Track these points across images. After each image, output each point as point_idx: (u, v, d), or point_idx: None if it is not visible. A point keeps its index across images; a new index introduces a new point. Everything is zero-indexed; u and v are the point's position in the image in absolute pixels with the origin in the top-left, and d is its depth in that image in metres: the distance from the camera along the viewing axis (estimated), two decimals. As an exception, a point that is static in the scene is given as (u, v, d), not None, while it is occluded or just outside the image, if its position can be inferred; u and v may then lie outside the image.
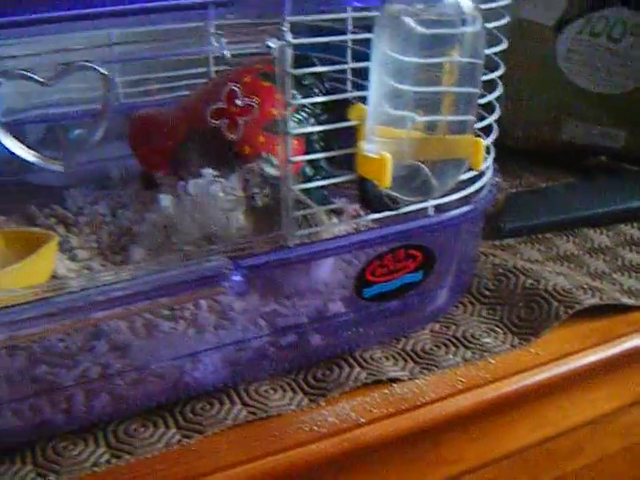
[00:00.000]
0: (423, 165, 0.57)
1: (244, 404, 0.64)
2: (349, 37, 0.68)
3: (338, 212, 0.75)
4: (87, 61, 0.48)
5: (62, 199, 0.82)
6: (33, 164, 0.57)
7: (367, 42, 0.76)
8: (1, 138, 0.49)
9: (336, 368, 0.68)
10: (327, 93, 0.81)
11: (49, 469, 0.59)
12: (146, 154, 0.80)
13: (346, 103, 0.72)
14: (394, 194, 0.58)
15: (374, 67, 0.55)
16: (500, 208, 0.92)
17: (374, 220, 0.63)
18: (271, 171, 0.70)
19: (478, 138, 0.57)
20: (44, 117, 0.93)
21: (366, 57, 0.75)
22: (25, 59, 0.53)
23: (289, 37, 0.55)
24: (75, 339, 0.62)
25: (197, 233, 0.73)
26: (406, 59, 0.52)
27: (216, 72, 0.86)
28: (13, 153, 0.57)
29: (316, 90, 0.81)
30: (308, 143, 0.78)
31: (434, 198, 0.61)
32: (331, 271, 0.64)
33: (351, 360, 0.68)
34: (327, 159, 0.74)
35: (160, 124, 0.80)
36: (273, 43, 0.54)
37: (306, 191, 0.71)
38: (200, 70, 0.84)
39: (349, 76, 0.81)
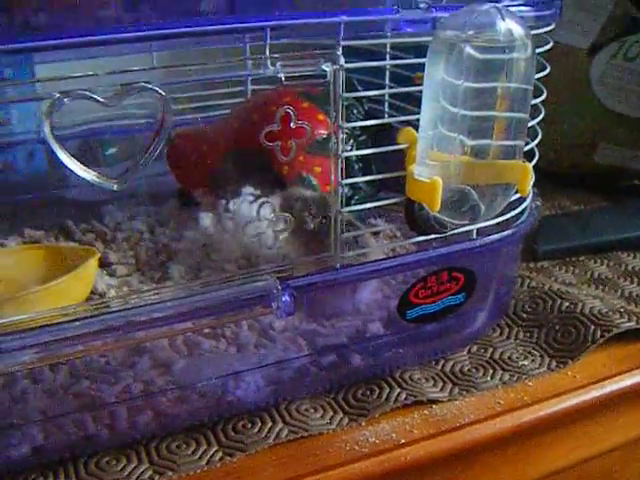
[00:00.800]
0: (472, 189, 0.57)
1: (285, 423, 0.64)
2: (400, 62, 0.68)
3: (375, 233, 0.76)
4: (146, 82, 0.49)
5: (99, 215, 0.82)
6: (79, 179, 0.58)
7: (406, 65, 0.77)
8: (59, 155, 0.49)
9: (376, 388, 0.68)
10: (366, 114, 0.82)
11: (95, 484, 0.59)
12: (184, 172, 0.81)
13: (384, 125, 0.73)
14: (442, 217, 0.58)
15: (426, 91, 0.56)
16: (534, 230, 0.92)
17: (419, 242, 0.63)
18: (312, 193, 0.70)
19: (527, 163, 0.57)
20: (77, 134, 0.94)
21: (404, 80, 0.76)
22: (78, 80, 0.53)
23: (342, 61, 0.55)
24: (116, 355, 0.63)
25: (237, 252, 0.73)
26: (461, 83, 0.52)
27: (252, 91, 0.86)
28: (57, 168, 0.57)
29: (355, 111, 0.82)
30: (347, 164, 0.78)
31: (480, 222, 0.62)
32: (374, 292, 0.65)
33: (391, 381, 0.69)
34: (365, 181, 0.75)
35: (199, 142, 0.81)
36: (327, 67, 0.55)
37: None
38: (235, 89, 0.85)
39: (387, 98, 0.82)
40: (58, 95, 0.48)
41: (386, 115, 0.83)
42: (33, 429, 0.59)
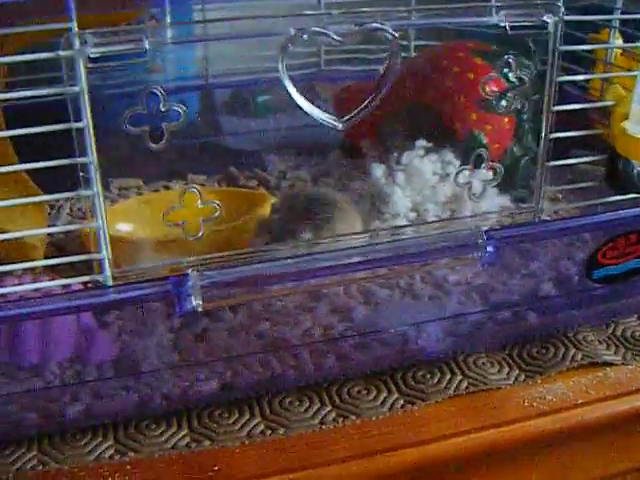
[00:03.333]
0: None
1: (464, 375, 0.64)
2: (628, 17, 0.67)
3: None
4: (381, 23, 0.49)
5: (262, 163, 0.83)
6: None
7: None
8: (290, 91, 0.49)
9: (551, 347, 0.68)
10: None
11: (278, 423, 0.60)
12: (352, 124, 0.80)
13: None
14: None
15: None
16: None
17: (612, 202, 0.63)
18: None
19: None
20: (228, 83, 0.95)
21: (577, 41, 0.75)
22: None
23: (563, 13, 0.55)
24: (295, 299, 0.63)
25: (407, 203, 0.73)
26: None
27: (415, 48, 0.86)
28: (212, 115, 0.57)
29: (526, 71, 0.81)
30: (519, 122, 0.78)
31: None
32: (562, 249, 0.64)
33: (566, 340, 0.69)
34: (535, 140, 0.74)
35: (369, 95, 0.80)
36: (549, 18, 0.54)
37: (515, 169, 0.71)
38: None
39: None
40: (295, 32, 0.48)
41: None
42: (220, 367, 0.60)
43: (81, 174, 0.49)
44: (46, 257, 0.67)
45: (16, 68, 0.75)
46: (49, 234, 0.72)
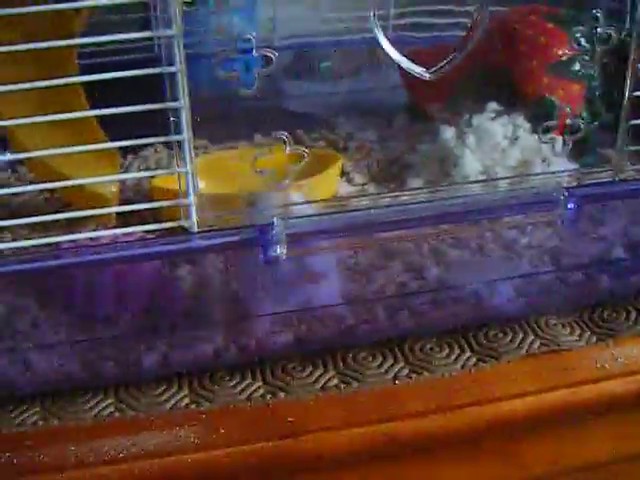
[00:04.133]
0: None
1: (536, 335, 0.64)
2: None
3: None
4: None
5: (329, 125, 0.83)
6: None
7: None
8: (385, 46, 0.49)
9: (622, 311, 0.68)
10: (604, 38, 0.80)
11: (352, 377, 0.61)
12: (421, 87, 0.80)
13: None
14: None
15: None
16: None
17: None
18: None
19: None
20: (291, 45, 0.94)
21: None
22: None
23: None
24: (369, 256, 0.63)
25: (477, 166, 0.73)
26: None
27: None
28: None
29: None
30: (589, 88, 0.77)
31: None
32: (633, 213, 0.64)
33: (638, 305, 0.68)
34: (606, 106, 0.74)
35: (438, 59, 0.80)
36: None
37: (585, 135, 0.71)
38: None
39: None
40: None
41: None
42: (294, 319, 0.60)
43: (172, 119, 0.50)
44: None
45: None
46: (120, 189, 0.72)
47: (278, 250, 0.52)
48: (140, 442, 0.55)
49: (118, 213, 0.66)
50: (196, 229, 0.52)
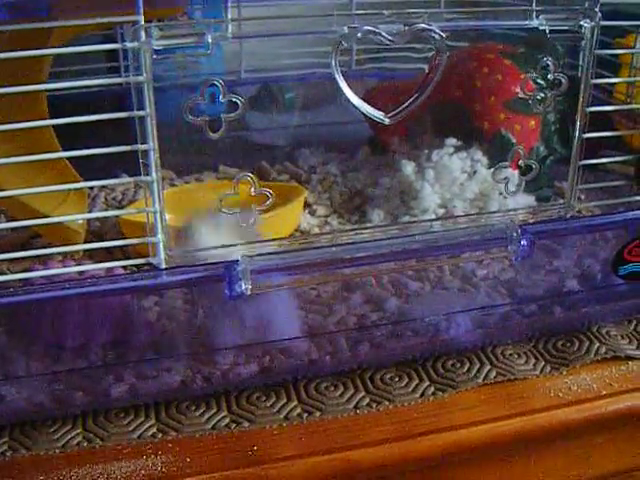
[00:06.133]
0: None
1: (493, 365, 0.67)
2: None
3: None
4: (429, 24, 0.51)
5: (292, 158, 0.85)
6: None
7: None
8: (342, 87, 0.52)
9: (576, 340, 0.70)
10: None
11: (314, 407, 0.63)
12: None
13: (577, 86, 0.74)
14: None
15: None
16: None
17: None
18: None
19: None
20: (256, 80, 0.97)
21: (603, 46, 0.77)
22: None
23: (600, 19, 0.57)
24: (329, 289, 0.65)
25: (436, 200, 0.76)
26: None
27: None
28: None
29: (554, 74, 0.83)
30: (544, 123, 0.80)
31: None
32: (588, 246, 0.67)
33: (590, 335, 0.71)
34: (561, 141, 0.77)
35: (398, 94, 0.83)
36: (586, 22, 0.57)
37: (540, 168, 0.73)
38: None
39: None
40: (347, 30, 0.51)
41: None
42: (258, 351, 0.62)
43: (141, 161, 0.51)
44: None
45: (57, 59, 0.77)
46: (87, 221, 0.74)
47: (243, 286, 0.54)
48: (109, 471, 0.56)
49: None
50: (164, 265, 0.54)
